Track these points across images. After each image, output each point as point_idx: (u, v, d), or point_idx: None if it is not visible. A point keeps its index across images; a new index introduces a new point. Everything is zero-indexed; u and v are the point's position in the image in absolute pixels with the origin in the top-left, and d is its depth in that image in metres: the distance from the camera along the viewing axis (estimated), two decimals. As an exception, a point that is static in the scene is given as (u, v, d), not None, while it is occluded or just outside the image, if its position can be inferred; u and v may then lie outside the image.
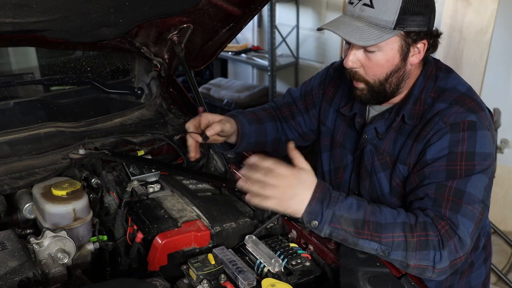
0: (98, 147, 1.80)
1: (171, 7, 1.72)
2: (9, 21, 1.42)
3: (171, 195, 1.65)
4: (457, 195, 1.36)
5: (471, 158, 1.39)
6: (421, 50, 1.48)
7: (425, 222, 1.33)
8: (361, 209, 1.33)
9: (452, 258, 1.31)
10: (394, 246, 1.30)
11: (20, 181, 1.59)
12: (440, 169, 1.40)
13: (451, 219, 1.34)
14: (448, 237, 1.31)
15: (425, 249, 1.30)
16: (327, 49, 4.71)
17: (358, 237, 1.31)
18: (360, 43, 1.41)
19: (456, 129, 1.41)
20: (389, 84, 1.50)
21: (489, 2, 3.25)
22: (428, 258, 1.30)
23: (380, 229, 1.31)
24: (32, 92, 2.06)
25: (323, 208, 1.30)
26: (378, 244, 1.30)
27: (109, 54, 2.18)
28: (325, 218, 1.30)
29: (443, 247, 1.30)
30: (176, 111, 2.10)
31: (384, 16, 1.39)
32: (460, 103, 1.45)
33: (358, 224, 1.31)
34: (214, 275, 1.28)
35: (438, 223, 1.33)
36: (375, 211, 1.34)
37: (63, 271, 1.31)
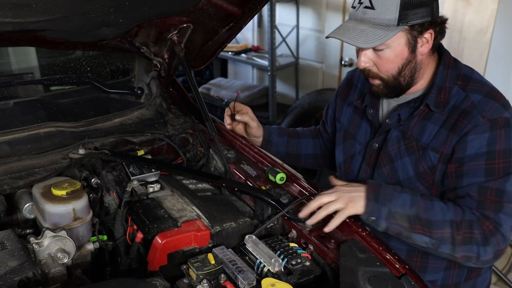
0: (98, 147, 1.80)
1: (171, 7, 1.72)
2: (9, 21, 1.42)
3: (171, 195, 1.65)
4: (498, 195, 1.47)
5: (507, 156, 1.47)
6: (429, 39, 1.53)
7: (471, 220, 1.46)
8: (415, 205, 1.47)
9: (495, 250, 1.46)
10: (443, 241, 1.45)
11: (20, 181, 1.59)
12: (479, 167, 1.49)
13: (495, 219, 1.46)
14: (491, 235, 1.45)
15: (470, 244, 1.44)
16: (327, 49, 4.71)
17: (411, 231, 1.46)
18: (366, 45, 1.49)
19: (494, 126, 1.48)
20: (403, 77, 1.57)
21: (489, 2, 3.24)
22: (473, 251, 1.45)
23: (430, 225, 1.45)
24: (32, 92, 2.06)
25: (379, 206, 1.46)
26: (429, 238, 1.45)
27: (109, 54, 2.18)
28: (381, 214, 1.46)
29: (487, 244, 1.44)
30: (176, 111, 2.10)
31: (386, 15, 1.45)
32: (493, 97, 1.52)
33: (411, 219, 1.46)
34: (214, 275, 1.28)
35: (483, 222, 1.46)
36: (427, 208, 1.47)
37: (63, 271, 1.31)
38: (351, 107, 1.85)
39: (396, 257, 1.33)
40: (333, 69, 4.72)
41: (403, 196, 1.48)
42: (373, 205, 1.46)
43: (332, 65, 4.71)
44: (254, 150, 1.85)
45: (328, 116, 2.01)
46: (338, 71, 4.67)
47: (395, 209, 1.46)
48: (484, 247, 1.44)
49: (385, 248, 1.35)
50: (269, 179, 1.68)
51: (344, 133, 1.86)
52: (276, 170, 1.68)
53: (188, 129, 2.01)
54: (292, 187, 1.64)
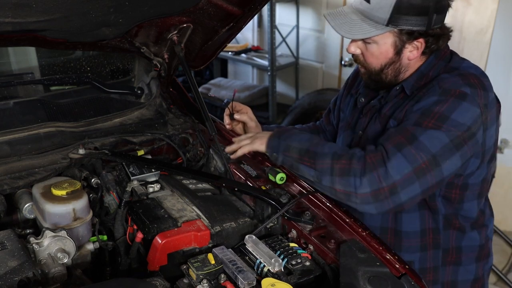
0: (98, 147, 1.80)
1: (171, 7, 1.72)
2: (9, 21, 1.42)
3: (171, 195, 1.65)
4: (409, 138, 1.42)
5: (442, 120, 1.43)
6: (419, 47, 1.55)
7: (353, 153, 1.46)
8: (309, 141, 1.55)
9: (374, 187, 1.39)
10: (323, 172, 1.47)
11: (20, 181, 1.59)
12: (411, 118, 1.47)
13: (388, 152, 1.41)
14: (372, 168, 1.40)
15: (347, 175, 1.42)
16: (327, 49, 4.71)
17: (300, 163, 1.52)
18: (346, 35, 1.55)
19: (445, 93, 1.46)
20: (385, 74, 1.61)
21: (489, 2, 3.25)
22: (350, 184, 1.42)
23: (316, 157, 1.50)
24: (32, 92, 2.06)
25: (280, 141, 1.58)
26: (313, 170, 1.49)
27: (109, 54, 2.18)
28: (280, 149, 1.57)
29: (364, 174, 1.40)
30: (176, 111, 2.10)
31: (377, 13, 1.48)
32: (463, 76, 1.50)
33: (302, 152, 1.53)
34: (214, 275, 1.28)
35: (369, 155, 1.43)
36: (319, 143, 1.54)
37: (63, 271, 1.31)
38: (353, 98, 1.88)
39: (396, 257, 1.33)
40: (333, 69, 4.72)
41: (304, 135, 1.57)
42: (274, 141, 1.59)
43: (332, 65, 4.71)
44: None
45: (336, 107, 2.02)
46: (338, 71, 4.67)
47: (291, 143, 1.55)
48: (360, 178, 1.39)
49: (385, 248, 1.35)
50: (269, 179, 1.68)
51: (345, 123, 1.88)
52: (276, 170, 1.68)
53: (188, 129, 2.01)
54: (292, 187, 1.64)
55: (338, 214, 1.48)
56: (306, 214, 1.48)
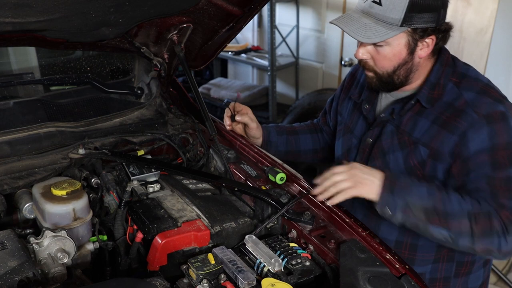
0: (98, 147, 1.80)
1: (171, 6, 1.72)
2: (9, 21, 1.42)
3: (171, 195, 1.65)
4: (508, 183, 1.46)
5: (510, 147, 1.47)
6: (429, 44, 1.54)
7: (489, 212, 1.44)
8: (431, 197, 1.45)
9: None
10: (462, 234, 1.43)
11: (20, 181, 1.59)
12: (484, 162, 1.48)
13: (510, 207, 1.44)
14: (510, 224, 1.43)
15: (490, 236, 1.43)
16: (327, 49, 4.71)
17: (429, 223, 1.44)
18: (365, 40, 1.50)
19: (490, 120, 1.47)
20: (397, 76, 1.58)
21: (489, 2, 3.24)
22: (493, 243, 1.43)
23: (448, 217, 1.43)
24: (32, 92, 2.06)
25: (395, 198, 1.45)
26: (447, 230, 1.44)
27: (109, 54, 2.18)
28: (397, 206, 1.44)
29: (508, 233, 1.42)
30: (176, 111, 2.10)
31: (391, 14, 1.45)
32: (487, 93, 1.52)
33: (428, 212, 1.44)
34: (214, 275, 1.28)
35: (500, 211, 1.44)
36: (443, 199, 1.45)
37: (63, 271, 1.31)
38: (351, 101, 1.87)
39: (396, 257, 1.33)
40: (333, 69, 4.72)
41: (420, 187, 1.47)
42: (388, 196, 1.45)
43: (332, 65, 4.71)
44: (254, 150, 1.85)
45: (332, 108, 2.01)
46: (338, 71, 4.67)
47: (412, 201, 1.44)
48: (505, 238, 1.42)
49: (385, 248, 1.35)
50: (269, 179, 1.68)
51: (344, 126, 1.87)
52: (276, 170, 1.68)
53: (188, 129, 2.01)
54: (292, 187, 1.64)
55: (338, 214, 1.48)
56: (306, 214, 1.48)
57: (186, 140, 2.00)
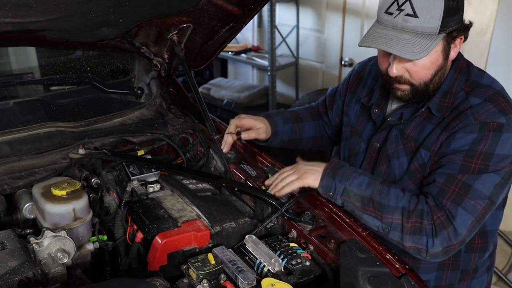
0: (98, 147, 1.80)
1: (171, 6, 1.72)
2: (9, 21, 1.42)
3: (171, 195, 1.65)
4: (463, 188, 1.44)
5: (487, 159, 1.44)
6: (457, 45, 1.53)
7: (422, 210, 1.45)
8: (370, 187, 1.50)
9: (445, 245, 1.43)
10: (393, 227, 1.46)
11: (20, 181, 1.59)
12: (455, 162, 1.47)
13: (450, 210, 1.43)
14: (442, 227, 1.42)
15: (419, 234, 1.43)
16: (327, 49, 4.71)
17: (363, 212, 1.49)
18: (415, 57, 1.43)
19: (484, 128, 1.45)
20: (432, 84, 1.55)
21: (489, 2, 3.25)
22: (421, 242, 1.43)
23: (382, 209, 1.47)
24: (32, 92, 2.06)
25: (336, 182, 1.52)
26: (379, 222, 1.47)
27: (109, 54, 2.18)
28: (337, 190, 1.51)
29: (436, 235, 1.42)
30: (176, 111, 2.10)
31: (430, 24, 1.41)
32: (494, 101, 1.48)
33: (364, 200, 1.49)
34: (214, 275, 1.28)
35: (435, 213, 1.44)
36: (382, 191, 1.49)
37: (63, 271, 1.31)
38: (359, 103, 1.83)
39: (396, 257, 1.33)
40: (333, 69, 4.72)
41: (362, 177, 1.52)
42: (329, 180, 1.52)
43: (332, 65, 4.71)
44: (254, 150, 1.85)
45: (335, 105, 1.96)
46: (338, 71, 4.67)
47: (350, 187, 1.50)
48: (433, 239, 1.42)
49: (385, 248, 1.35)
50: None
51: (351, 128, 1.84)
52: (276, 170, 1.68)
53: (188, 129, 2.01)
54: (292, 187, 1.64)
55: (338, 214, 1.48)
56: (306, 214, 1.48)
57: (186, 140, 2.00)
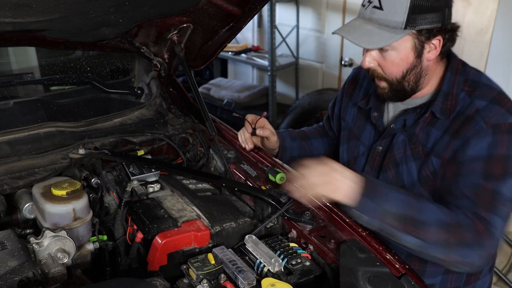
0: (98, 147, 1.80)
1: (171, 6, 1.72)
2: (9, 21, 1.42)
3: (171, 195, 1.65)
4: (494, 196, 1.42)
5: (507, 161, 1.43)
6: (437, 46, 1.50)
7: (464, 223, 1.40)
8: (408, 205, 1.41)
9: (487, 255, 1.42)
10: (435, 244, 1.39)
11: (20, 181, 1.59)
12: (477, 169, 1.45)
13: (489, 220, 1.41)
14: (484, 238, 1.39)
15: (462, 248, 1.38)
16: (327, 49, 4.71)
17: (399, 230, 1.39)
18: (369, 46, 1.47)
19: (497, 131, 1.44)
20: (407, 82, 1.54)
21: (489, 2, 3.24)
22: (465, 255, 1.39)
23: (418, 224, 1.38)
24: (32, 92, 2.06)
25: (374, 205, 1.39)
26: (420, 240, 1.38)
27: (109, 54, 2.18)
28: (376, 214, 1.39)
29: (481, 247, 1.39)
30: (176, 111, 2.10)
31: (393, 17, 1.42)
32: (499, 103, 1.48)
33: (398, 217, 1.39)
34: (214, 275, 1.28)
35: (477, 224, 1.40)
36: (420, 208, 1.41)
37: (63, 271, 1.31)
38: (355, 107, 1.83)
39: (396, 257, 1.33)
40: (333, 69, 4.72)
41: (398, 195, 1.43)
42: (367, 203, 1.39)
43: (332, 65, 4.71)
44: (254, 150, 1.85)
45: (334, 113, 1.98)
46: (338, 71, 4.67)
47: (388, 208, 1.39)
48: (478, 252, 1.39)
49: (385, 248, 1.35)
50: (269, 179, 1.67)
51: (348, 132, 1.84)
52: (276, 170, 1.68)
53: (188, 129, 2.01)
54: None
55: (338, 214, 1.48)
56: (306, 214, 1.48)
57: (186, 140, 2.00)
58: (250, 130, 1.84)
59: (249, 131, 1.84)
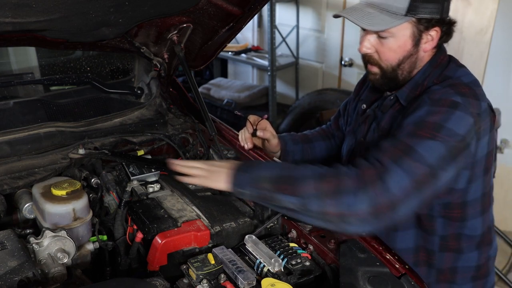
0: (98, 147, 1.80)
1: (170, 6, 1.72)
2: (9, 21, 1.43)
3: (171, 195, 1.65)
4: (405, 150, 1.33)
5: (437, 129, 1.36)
6: (434, 37, 1.52)
7: (339, 170, 1.33)
8: (278, 167, 1.40)
9: (373, 203, 1.25)
10: (308, 196, 1.29)
11: (20, 181, 1.59)
12: (404, 131, 1.40)
13: (384, 164, 1.30)
14: (369, 182, 1.27)
15: (339, 194, 1.27)
16: (327, 49, 4.71)
17: (275, 192, 1.33)
18: (370, 28, 1.48)
19: (436, 103, 1.41)
20: (401, 70, 1.55)
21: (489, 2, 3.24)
22: (344, 202, 1.26)
23: (295, 181, 1.32)
24: (32, 92, 2.06)
25: (244, 175, 1.38)
26: (294, 197, 1.30)
27: (109, 54, 2.18)
28: (246, 182, 1.37)
29: (360, 191, 1.26)
30: (176, 111, 2.10)
31: (396, 2, 1.44)
32: (453, 87, 1.45)
33: (273, 180, 1.34)
34: (214, 275, 1.28)
35: (362, 168, 1.31)
36: (291, 167, 1.38)
37: (63, 271, 1.31)
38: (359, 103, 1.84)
39: (396, 257, 1.33)
40: (333, 69, 4.72)
41: (271, 163, 1.45)
42: (237, 175, 1.38)
43: (332, 65, 4.71)
44: (254, 150, 1.85)
45: (346, 111, 1.97)
46: (338, 71, 4.67)
47: (258, 173, 1.37)
48: (356, 195, 1.25)
49: (385, 248, 1.35)
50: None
51: (351, 128, 1.86)
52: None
53: (188, 129, 2.01)
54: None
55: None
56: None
57: (186, 140, 2.00)
58: (251, 131, 1.84)
59: (250, 131, 1.84)
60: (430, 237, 1.60)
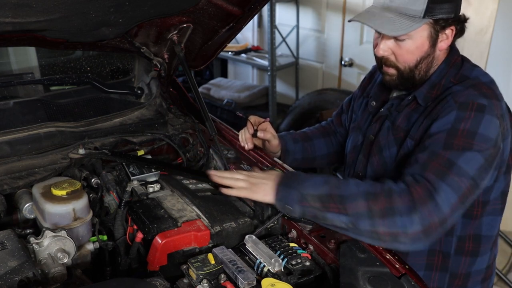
0: (98, 147, 1.80)
1: (171, 6, 1.72)
2: (9, 21, 1.42)
3: (171, 195, 1.65)
4: (447, 164, 1.36)
5: (471, 137, 1.39)
6: (449, 36, 1.53)
7: (391, 189, 1.34)
8: (326, 184, 1.38)
9: (425, 223, 1.29)
10: (359, 216, 1.31)
11: (20, 181, 1.59)
12: (438, 139, 1.41)
13: (432, 183, 1.32)
14: (421, 202, 1.30)
15: (391, 215, 1.30)
16: (327, 49, 4.71)
17: (325, 211, 1.35)
18: (391, 33, 1.48)
19: (464, 107, 1.43)
20: (418, 70, 1.56)
21: (489, 2, 3.25)
22: (396, 224, 1.29)
23: (343, 200, 1.34)
24: (32, 92, 2.06)
25: (290, 190, 1.38)
26: (345, 216, 1.33)
27: (109, 54, 2.18)
28: (294, 199, 1.37)
29: (414, 212, 1.29)
30: (176, 111, 2.10)
31: (413, 6, 1.45)
32: (476, 88, 1.47)
33: (323, 198, 1.35)
34: (214, 275, 1.28)
35: (413, 187, 1.33)
36: (340, 184, 1.38)
37: (63, 271, 1.31)
38: (366, 99, 1.85)
39: (396, 257, 1.33)
40: (333, 69, 4.72)
41: (315, 178, 1.41)
42: (284, 191, 1.39)
43: (332, 65, 4.71)
44: (254, 150, 1.85)
45: (350, 108, 1.97)
46: (338, 71, 4.67)
47: (306, 191, 1.37)
48: (410, 217, 1.28)
49: (385, 248, 1.35)
50: (269, 179, 1.67)
51: (356, 124, 1.85)
52: (276, 170, 1.68)
53: (188, 129, 2.01)
54: (292, 187, 1.64)
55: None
56: (306, 214, 1.48)
57: (186, 140, 2.00)
58: (252, 131, 1.84)
59: (251, 132, 1.84)
60: (447, 238, 1.59)
